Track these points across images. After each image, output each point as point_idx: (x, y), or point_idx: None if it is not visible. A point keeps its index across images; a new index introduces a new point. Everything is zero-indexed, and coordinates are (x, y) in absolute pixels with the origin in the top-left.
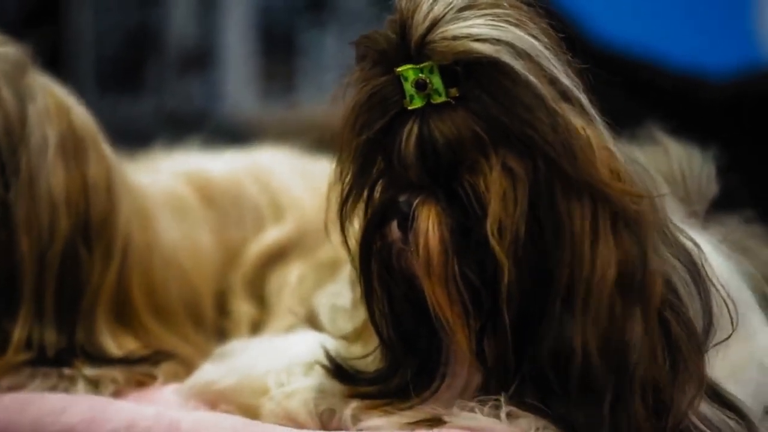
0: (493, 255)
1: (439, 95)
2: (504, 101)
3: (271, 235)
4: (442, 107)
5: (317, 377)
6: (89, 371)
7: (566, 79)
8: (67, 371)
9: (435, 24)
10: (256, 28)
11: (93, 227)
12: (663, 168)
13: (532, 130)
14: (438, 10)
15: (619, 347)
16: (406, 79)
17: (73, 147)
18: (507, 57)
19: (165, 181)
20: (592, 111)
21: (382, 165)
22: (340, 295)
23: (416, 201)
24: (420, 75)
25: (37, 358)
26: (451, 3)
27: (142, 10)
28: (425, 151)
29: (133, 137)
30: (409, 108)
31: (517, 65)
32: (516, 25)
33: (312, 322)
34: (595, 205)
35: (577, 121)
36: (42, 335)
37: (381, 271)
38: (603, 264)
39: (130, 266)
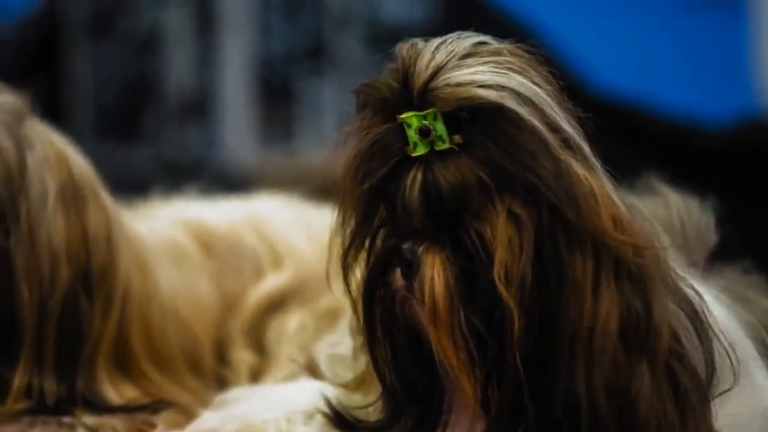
0: (500, 302)
1: (443, 142)
2: (508, 147)
3: (270, 283)
4: (446, 154)
5: (317, 426)
6: (89, 419)
7: (568, 127)
8: (66, 419)
9: (438, 71)
10: (254, 76)
11: (93, 276)
12: (662, 217)
13: (536, 177)
14: (440, 57)
15: (625, 397)
16: (409, 126)
17: (73, 196)
18: (511, 103)
19: (163, 230)
20: (594, 160)
21: (385, 213)
22: (340, 344)
23: (420, 248)
24: (423, 122)
25: (37, 406)
26: (453, 51)
27: (140, 59)
28: (430, 197)
29: (132, 185)
30: (413, 155)
31: (522, 111)
32: (519, 73)
33: (312, 370)
34: (597, 254)
35: (579, 170)
36: (42, 383)
37: (384, 319)
38: (605, 314)
39: (130, 315)
